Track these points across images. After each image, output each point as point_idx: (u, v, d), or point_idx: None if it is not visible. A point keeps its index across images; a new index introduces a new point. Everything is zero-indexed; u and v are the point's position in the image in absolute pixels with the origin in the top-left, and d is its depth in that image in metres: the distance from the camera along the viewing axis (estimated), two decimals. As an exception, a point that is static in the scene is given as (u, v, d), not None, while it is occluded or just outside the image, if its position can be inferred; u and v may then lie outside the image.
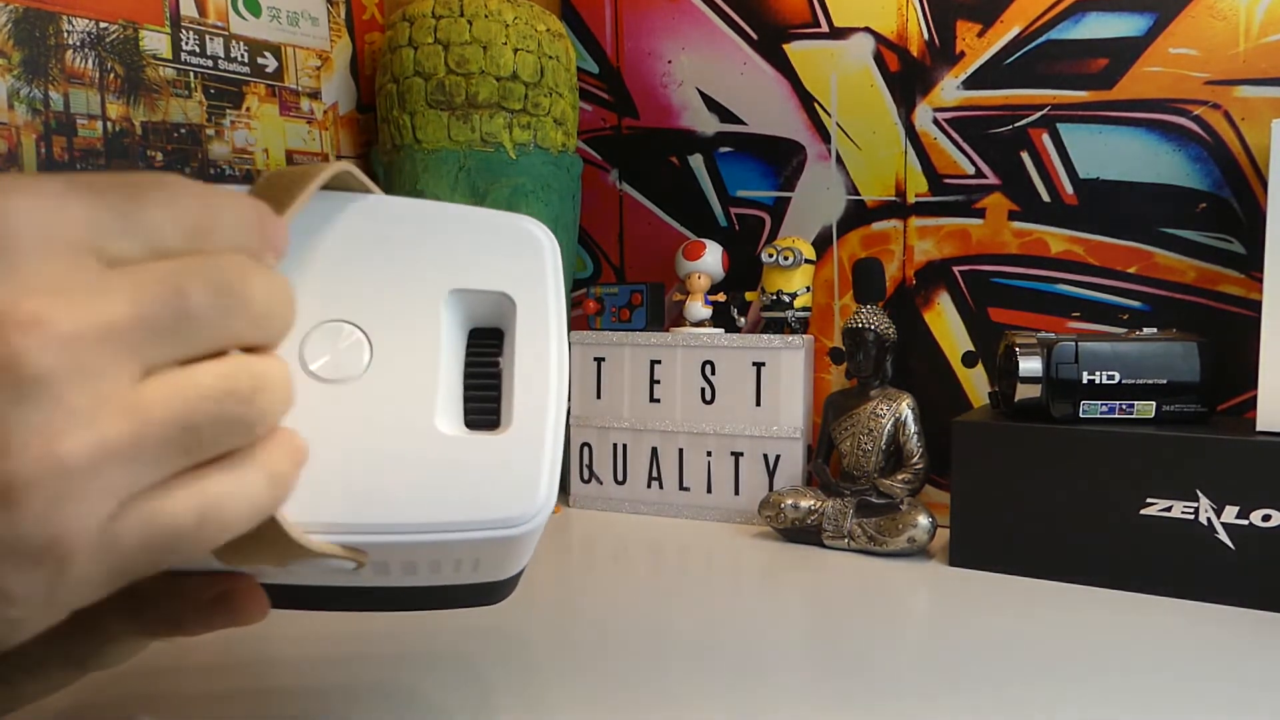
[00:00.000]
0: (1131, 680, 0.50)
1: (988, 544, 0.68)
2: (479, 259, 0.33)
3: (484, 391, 0.32)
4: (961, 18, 0.81)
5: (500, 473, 0.30)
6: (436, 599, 0.37)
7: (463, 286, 0.32)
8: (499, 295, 0.33)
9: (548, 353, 0.32)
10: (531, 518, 0.30)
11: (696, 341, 0.85)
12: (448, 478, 0.30)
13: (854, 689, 0.48)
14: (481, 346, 0.33)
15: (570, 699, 0.47)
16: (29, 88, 0.67)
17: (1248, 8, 0.72)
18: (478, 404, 0.32)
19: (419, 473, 0.30)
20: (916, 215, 0.84)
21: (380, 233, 0.33)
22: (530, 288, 0.33)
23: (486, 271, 0.33)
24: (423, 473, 0.30)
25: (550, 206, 0.88)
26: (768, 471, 0.83)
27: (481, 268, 0.33)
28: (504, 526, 0.30)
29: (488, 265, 0.33)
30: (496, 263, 0.33)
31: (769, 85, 0.89)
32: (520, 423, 0.31)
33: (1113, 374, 0.66)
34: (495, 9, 0.84)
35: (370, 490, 0.29)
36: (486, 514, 0.30)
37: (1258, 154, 0.72)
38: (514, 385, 0.32)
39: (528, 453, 0.31)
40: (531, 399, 0.32)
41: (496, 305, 0.33)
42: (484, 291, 0.33)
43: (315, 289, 0.31)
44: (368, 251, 0.32)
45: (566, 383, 0.33)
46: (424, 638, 0.55)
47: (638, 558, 0.75)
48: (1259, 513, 0.60)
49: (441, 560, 0.32)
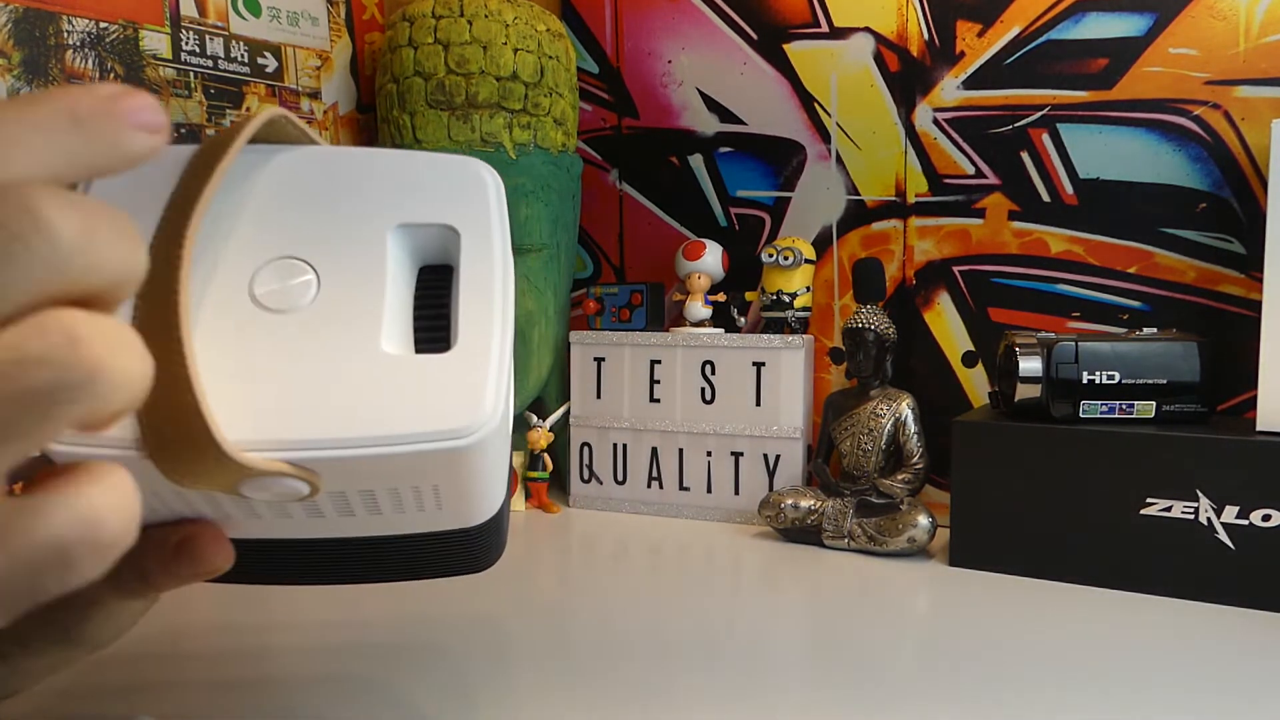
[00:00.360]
0: (1131, 680, 0.50)
1: (988, 544, 0.68)
2: (423, 195, 0.34)
3: (432, 320, 0.33)
4: (961, 18, 0.81)
5: (445, 386, 0.31)
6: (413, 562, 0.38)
7: (408, 221, 0.33)
8: (444, 229, 0.34)
9: (491, 279, 0.33)
10: (479, 428, 0.31)
11: (696, 341, 0.85)
12: (392, 393, 0.31)
13: (854, 689, 0.48)
14: (430, 281, 0.34)
15: (570, 699, 0.47)
16: (29, 88, 0.67)
17: (1248, 8, 0.72)
18: (426, 332, 0.33)
19: (364, 390, 0.30)
20: (916, 215, 0.84)
21: (325, 174, 0.34)
22: (475, 220, 0.34)
23: (431, 206, 0.34)
24: (367, 390, 0.30)
25: (550, 206, 0.88)
26: (768, 471, 0.83)
27: (426, 203, 0.34)
28: (451, 438, 0.30)
29: (432, 200, 0.34)
30: (441, 198, 0.34)
31: (769, 85, 0.89)
32: (465, 340, 0.32)
33: (1113, 374, 0.66)
34: (495, 9, 0.84)
35: (314, 408, 0.30)
36: (432, 425, 0.30)
37: (1258, 154, 0.72)
38: (459, 310, 0.33)
39: (472, 367, 0.31)
40: (476, 319, 0.32)
41: (443, 241, 0.34)
42: (429, 225, 0.34)
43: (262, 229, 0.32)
44: (314, 192, 0.33)
45: (511, 307, 0.33)
46: (422, 634, 0.55)
47: (638, 558, 0.75)
48: (1259, 513, 0.60)
49: (400, 488, 0.32)
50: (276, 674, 0.50)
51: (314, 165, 0.34)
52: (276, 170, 0.34)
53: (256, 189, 0.33)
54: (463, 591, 0.62)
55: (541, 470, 0.87)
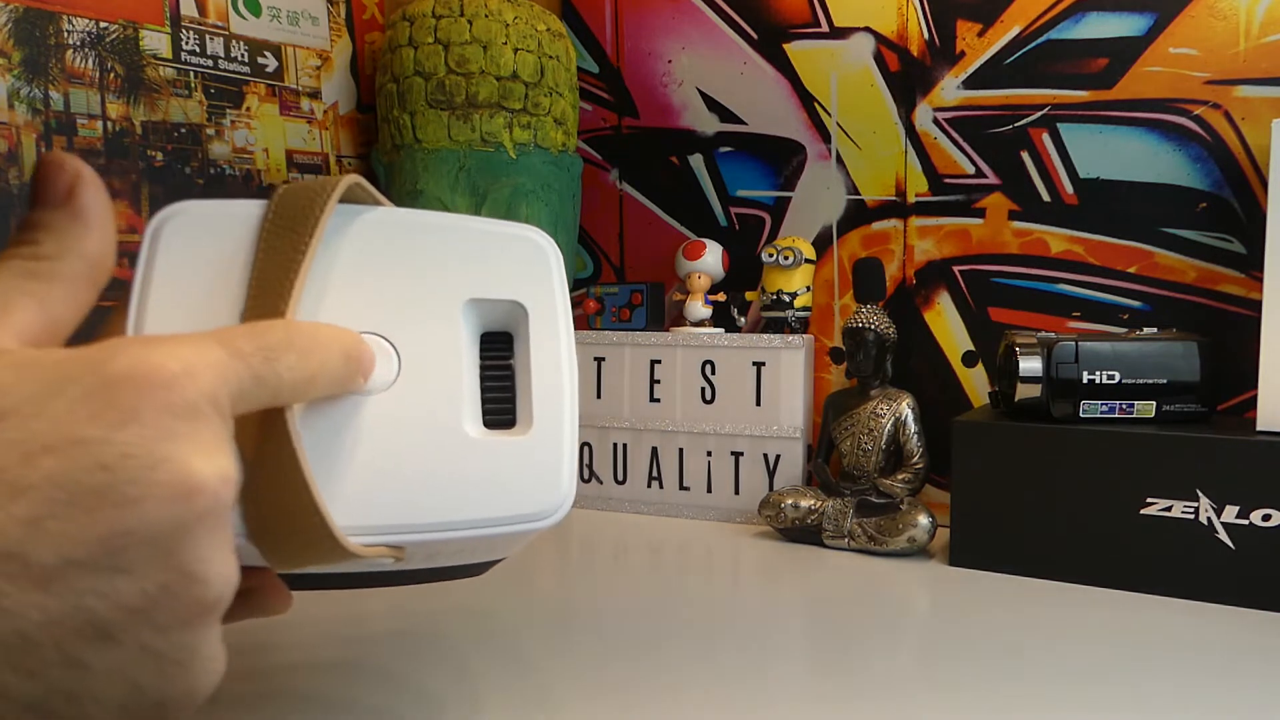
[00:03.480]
0: (1131, 680, 0.50)
1: (988, 544, 0.68)
2: (492, 269, 0.35)
3: (499, 393, 0.35)
4: (961, 17, 0.81)
5: (526, 470, 0.33)
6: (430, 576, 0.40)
7: (479, 296, 0.35)
8: (512, 303, 0.35)
9: (559, 355, 0.35)
10: (556, 510, 0.33)
11: (696, 341, 0.85)
12: (480, 477, 0.33)
13: (854, 689, 0.48)
14: (493, 350, 0.35)
15: (570, 698, 0.47)
16: (29, 87, 0.67)
17: (1248, 8, 0.72)
18: (494, 404, 0.35)
19: (453, 474, 0.32)
20: (916, 215, 0.84)
21: (397, 245, 0.35)
22: (540, 295, 0.35)
23: (500, 281, 0.35)
24: (456, 474, 0.32)
25: (550, 206, 0.88)
26: (768, 471, 0.83)
27: (495, 277, 0.35)
28: (532, 520, 0.33)
29: (500, 275, 0.35)
30: (508, 272, 0.35)
31: (769, 85, 0.89)
32: (540, 423, 0.34)
33: (1113, 374, 0.66)
34: (495, 9, 0.84)
35: (410, 492, 0.32)
36: (517, 509, 0.33)
37: (1258, 154, 0.72)
38: (530, 387, 0.34)
39: (550, 450, 0.34)
40: (548, 399, 0.34)
41: (506, 311, 0.35)
42: (498, 300, 0.35)
43: (342, 302, 0.33)
44: (388, 264, 0.34)
45: (577, 383, 0.35)
46: (422, 632, 0.55)
47: (638, 558, 0.75)
48: (1259, 513, 0.60)
49: (464, 550, 0.34)
50: (277, 668, 0.50)
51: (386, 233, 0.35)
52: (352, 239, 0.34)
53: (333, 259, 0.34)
54: (463, 590, 0.62)
55: (541, 470, 0.87)
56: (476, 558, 0.36)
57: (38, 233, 0.28)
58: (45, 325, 0.27)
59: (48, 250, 0.28)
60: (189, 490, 0.23)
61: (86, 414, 0.23)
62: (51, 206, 0.28)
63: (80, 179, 0.28)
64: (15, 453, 0.22)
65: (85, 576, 0.22)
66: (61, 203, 0.28)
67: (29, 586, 0.22)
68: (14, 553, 0.21)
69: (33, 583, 0.22)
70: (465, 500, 0.32)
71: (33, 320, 0.26)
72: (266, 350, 0.27)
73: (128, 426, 0.23)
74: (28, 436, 0.22)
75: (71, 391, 0.23)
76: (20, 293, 0.26)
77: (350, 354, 0.30)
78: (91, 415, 0.23)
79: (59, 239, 0.28)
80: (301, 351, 0.28)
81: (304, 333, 0.29)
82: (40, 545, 0.22)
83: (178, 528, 0.23)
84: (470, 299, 0.34)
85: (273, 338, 0.28)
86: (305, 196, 0.32)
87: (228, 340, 0.26)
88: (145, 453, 0.23)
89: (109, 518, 0.22)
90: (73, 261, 0.28)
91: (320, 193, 0.32)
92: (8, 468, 0.22)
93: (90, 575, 0.22)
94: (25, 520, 0.22)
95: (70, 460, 0.22)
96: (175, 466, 0.23)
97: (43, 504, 0.22)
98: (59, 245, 0.28)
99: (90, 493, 0.22)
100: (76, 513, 0.22)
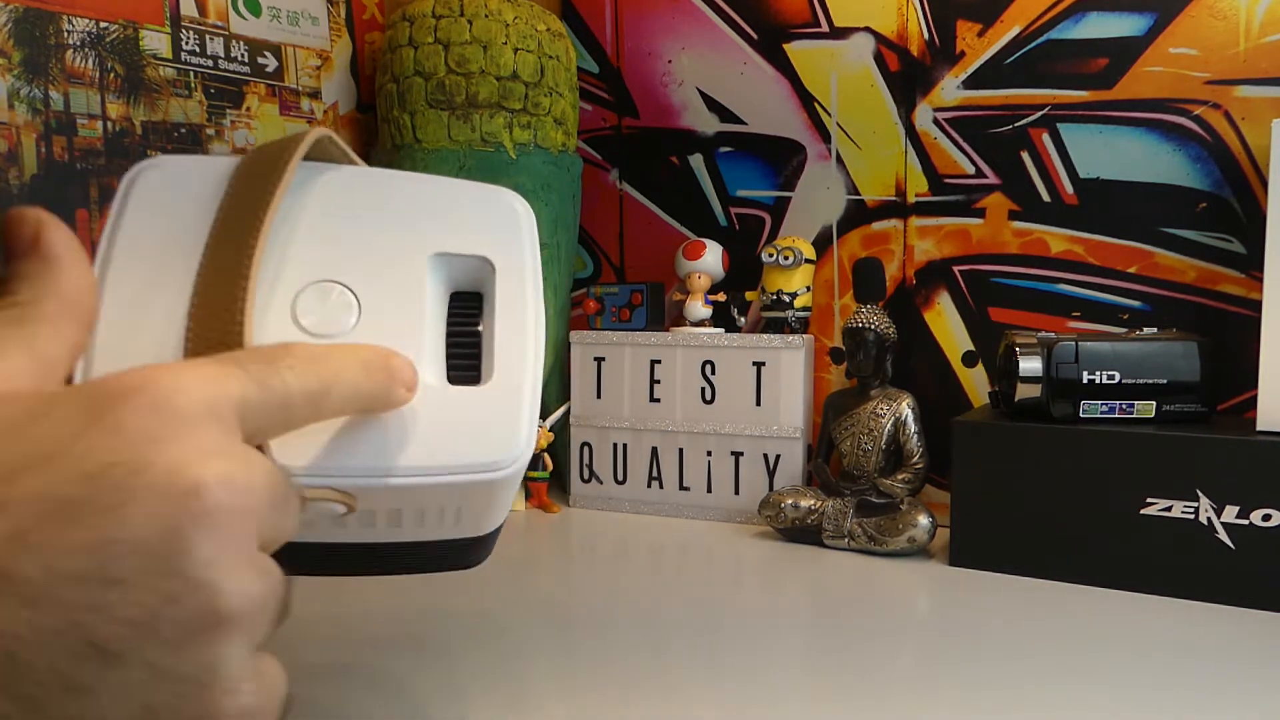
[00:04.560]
0: (1131, 680, 0.50)
1: (988, 544, 0.68)
2: (460, 225, 0.35)
3: (466, 349, 0.34)
4: (961, 17, 0.81)
5: (482, 421, 0.33)
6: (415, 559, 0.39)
7: (445, 250, 0.35)
8: (479, 259, 0.35)
9: (524, 312, 0.35)
10: (511, 463, 0.32)
11: (696, 341, 0.85)
12: (433, 425, 0.32)
13: (853, 688, 0.48)
14: (463, 309, 0.35)
15: (570, 697, 0.47)
16: (29, 87, 0.67)
17: (1248, 8, 0.72)
18: (460, 361, 0.34)
19: (406, 420, 0.32)
20: (916, 215, 0.84)
21: (366, 200, 0.35)
22: (508, 252, 0.35)
23: (467, 237, 0.35)
24: (409, 420, 0.32)
25: (550, 206, 0.88)
26: (768, 471, 0.83)
27: (463, 233, 0.35)
28: (486, 470, 0.32)
29: (468, 231, 0.35)
30: (476, 229, 0.35)
31: (769, 85, 0.89)
32: (499, 376, 0.33)
33: (1113, 374, 0.66)
34: (495, 9, 0.84)
35: (359, 436, 0.31)
36: (470, 458, 0.32)
37: (1258, 154, 0.72)
38: (494, 343, 0.34)
39: (507, 402, 0.33)
40: (509, 355, 0.34)
41: (477, 270, 0.35)
42: (465, 255, 0.35)
43: (306, 252, 0.33)
44: (355, 217, 0.34)
45: (543, 341, 0.35)
46: (422, 631, 0.55)
47: (638, 557, 0.75)
48: (1259, 513, 0.60)
49: (426, 509, 0.34)
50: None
51: (356, 188, 0.35)
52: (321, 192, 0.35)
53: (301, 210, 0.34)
54: (463, 590, 0.62)
55: (541, 470, 0.87)
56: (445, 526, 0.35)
57: (12, 283, 0.28)
58: (36, 367, 0.27)
59: (24, 297, 0.28)
60: (180, 492, 0.22)
61: (70, 432, 0.23)
62: (20, 257, 0.29)
63: (42, 224, 0.29)
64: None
65: (76, 590, 0.21)
66: (29, 251, 0.29)
67: (15, 603, 0.21)
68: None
69: (19, 600, 0.21)
70: (416, 446, 0.31)
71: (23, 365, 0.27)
72: (266, 358, 0.27)
73: (112, 436, 0.23)
74: (9, 458, 0.22)
75: (56, 414, 0.23)
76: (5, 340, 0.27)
77: (372, 364, 0.30)
78: (75, 433, 0.23)
79: (33, 284, 0.28)
80: (306, 359, 0.28)
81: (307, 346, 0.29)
82: (24, 560, 0.21)
83: (170, 532, 0.22)
84: (437, 253, 0.35)
85: (272, 350, 0.28)
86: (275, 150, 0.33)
87: (226, 357, 0.27)
88: (130, 458, 0.22)
89: (94, 525, 0.22)
90: (51, 301, 0.28)
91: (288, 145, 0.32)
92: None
93: (81, 588, 0.21)
94: (7, 536, 0.21)
95: (52, 474, 0.22)
96: (162, 469, 0.22)
97: (25, 518, 0.21)
98: (34, 290, 0.28)
99: (73, 503, 0.22)
100: (60, 524, 0.22)
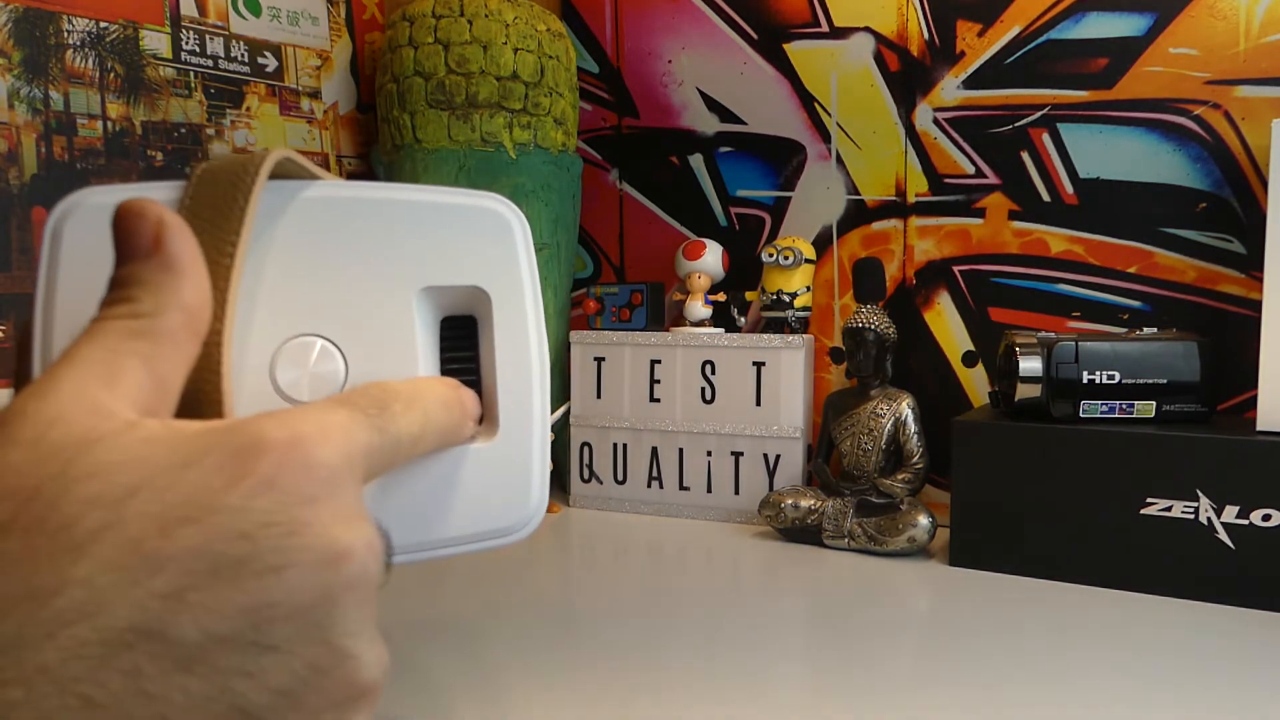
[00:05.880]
0: (1131, 680, 0.50)
1: (988, 544, 0.68)
2: (448, 251, 0.31)
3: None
4: (961, 17, 0.81)
5: (493, 484, 0.31)
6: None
7: (433, 283, 0.31)
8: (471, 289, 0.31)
9: (527, 346, 0.31)
10: (525, 524, 0.31)
11: (696, 341, 0.85)
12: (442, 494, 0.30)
13: (853, 688, 0.48)
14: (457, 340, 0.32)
15: (570, 697, 0.47)
16: (29, 87, 0.67)
17: (1248, 8, 0.72)
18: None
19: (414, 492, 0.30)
20: (916, 215, 0.84)
21: (339, 230, 0.30)
22: (504, 278, 0.31)
23: (457, 265, 0.31)
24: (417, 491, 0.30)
25: (550, 206, 0.88)
26: (768, 471, 0.83)
27: (451, 261, 0.31)
28: (499, 536, 0.31)
29: (457, 257, 0.31)
30: (466, 253, 0.31)
31: (769, 85, 0.89)
32: (507, 427, 0.31)
33: (1113, 374, 0.66)
34: (495, 9, 0.84)
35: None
36: (483, 526, 0.30)
37: (1258, 154, 0.72)
38: (496, 385, 0.31)
39: (517, 457, 0.31)
40: (516, 402, 0.31)
41: (469, 294, 0.32)
42: (456, 287, 0.31)
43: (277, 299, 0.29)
44: (328, 254, 0.30)
45: (548, 377, 0.32)
46: (422, 631, 0.55)
47: (638, 557, 0.75)
48: (1259, 513, 0.60)
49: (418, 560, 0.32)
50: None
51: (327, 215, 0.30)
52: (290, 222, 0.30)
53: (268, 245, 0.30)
54: (462, 590, 0.62)
55: (541, 470, 0.87)
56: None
57: (132, 289, 0.26)
58: (155, 387, 0.25)
59: (146, 307, 0.26)
60: (334, 557, 0.22)
61: (222, 483, 0.22)
62: (140, 259, 0.26)
63: (165, 225, 0.26)
64: (152, 525, 0.21)
65: (230, 654, 0.21)
66: (150, 253, 0.26)
67: (171, 668, 0.20)
68: (154, 630, 0.20)
69: (174, 663, 0.20)
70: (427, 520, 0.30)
71: (143, 383, 0.25)
72: (377, 401, 0.26)
73: (266, 493, 0.22)
74: (163, 508, 0.21)
75: (205, 462, 0.22)
76: (128, 354, 0.25)
77: (448, 402, 0.29)
78: (227, 484, 0.22)
79: (155, 293, 0.26)
80: (406, 400, 0.27)
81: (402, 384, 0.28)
82: (181, 621, 0.20)
83: (324, 598, 0.22)
84: (424, 288, 0.31)
85: (375, 390, 0.27)
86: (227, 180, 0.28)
87: (343, 400, 0.26)
88: (286, 519, 0.22)
89: (253, 588, 0.21)
90: (173, 315, 0.26)
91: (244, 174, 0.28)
92: (144, 540, 0.21)
93: (236, 653, 0.21)
94: (165, 594, 0.20)
95: (209, 530, 0.21)
96: (318, 532, 0.22)
97: (183, 576, 0.21)
98: (156, 300, 0.26)
99: (232, 563, 0.21)
100: (219, 584, 0.21)
